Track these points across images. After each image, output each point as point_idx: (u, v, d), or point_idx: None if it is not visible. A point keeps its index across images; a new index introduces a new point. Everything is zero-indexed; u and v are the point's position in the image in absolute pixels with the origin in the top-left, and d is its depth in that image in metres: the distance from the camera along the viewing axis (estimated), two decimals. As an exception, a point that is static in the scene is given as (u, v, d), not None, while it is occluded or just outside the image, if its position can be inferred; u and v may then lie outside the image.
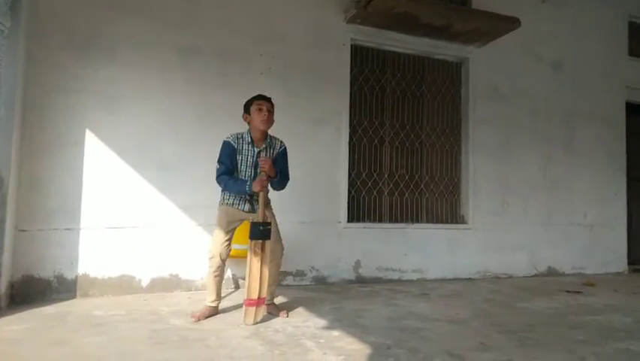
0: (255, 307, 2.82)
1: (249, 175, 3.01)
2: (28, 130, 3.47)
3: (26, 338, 2.54)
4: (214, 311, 3.07)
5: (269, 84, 4.22)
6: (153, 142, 3.84)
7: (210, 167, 3.92)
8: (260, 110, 2.98)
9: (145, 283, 3.75)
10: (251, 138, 3.04)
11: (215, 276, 3.02)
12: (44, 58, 3.55)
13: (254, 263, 2.84)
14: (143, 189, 3.79)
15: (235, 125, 4.06)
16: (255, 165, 3.00)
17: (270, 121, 3.02)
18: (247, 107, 3.07)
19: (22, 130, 3.42)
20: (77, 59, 3.65)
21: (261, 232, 2.86)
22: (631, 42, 6.10)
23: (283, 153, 3.14)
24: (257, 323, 2.82)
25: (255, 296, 2.81)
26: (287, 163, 3.17)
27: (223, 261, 3.02)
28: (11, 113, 3.22)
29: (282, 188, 3.14)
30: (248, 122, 3.08)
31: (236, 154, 3.01)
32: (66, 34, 3.63)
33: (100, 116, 3.69)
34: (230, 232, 3.06)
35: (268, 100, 3.04)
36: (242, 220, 3.10)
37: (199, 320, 2.92)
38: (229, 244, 3.05)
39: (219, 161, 3.02)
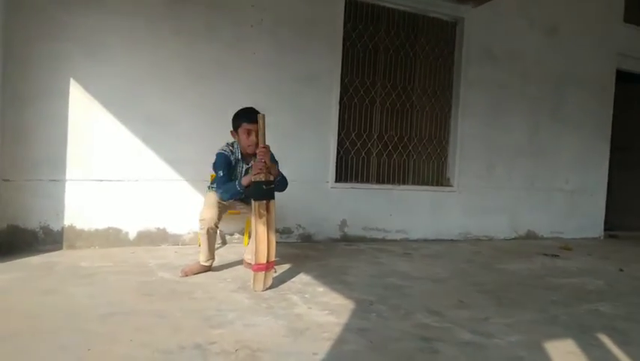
0: (264, 272, 2.70)
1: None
2: (11, 79, 3.34)
3: (14, 287, 2.56)
4: (205, 270, 3.01)
5: (259, 37, 4.12)
6: (140, 94, 3.75)
7: (198, 120, 3.93)
8: (248, 135, 2.84)
9: (132, 236, 3.77)
10: (241, 153, 2.94)
11: (208, 235, 2.92)
12: (27, 3, 3.38)
13: (260, 226, 2.69)
14: (129, 141, 3.73)
15: (224, 78, 4.02)
16: None
17: (257, 145, 2.78)
18: (235, 126, 2.91)
19: (4, 79, 3.30)
20: (62, 5, 3.48)
21: (265, 191, 2.70)
22: (627, 8, 6.04)
23: (271, 156, 2.87)
24: (267, 288, 2.70)
25: (263, 261, 2.67)
26: (277, 166, 2.92)
27: (215, 224, 2.92)
28: (-9, 59, 3.10)
29: (283, 189, 2.98)
30: (235, 139, 2.95)
31: (230, 166, 2.92)
32: (48, -24, 3.45)
33: (85, 66, 3.57)
34: (224, 206, 2.98)
35: (255, 120, 2.76)
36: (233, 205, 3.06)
37: (187, 276, 2.91)
38: (220, 215, 2.94)
39: (220, 170, 2.88)
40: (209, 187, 3.18)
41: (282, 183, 2.95)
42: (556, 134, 5.68)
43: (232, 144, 3.00)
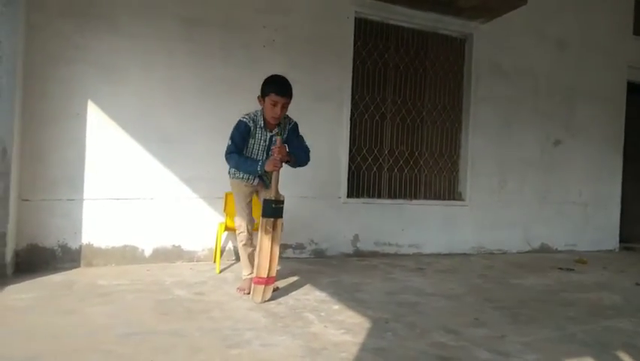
0: (264, 286, 2.80)
1: (260, 159, 2.93)
2: (30, 100, 3.45)
3: (34, 306, 2.61)
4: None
5: (271, 57, 4.19)
6: (155, 114, 3.83)
7: (211, 140, 3.97)
8: (274, 105, 2.81)
9: (148, 253, 3.82)
10: (264, 120, 2.92)
11: (246, 248, 2.99)
12: (45, 26, 3.50)
13: (264, 242, 2.79)
14: (145, 160, 3.80)
15: (237, 99, 4.08)
16: (267, 150, 2.92)
17: (282, 116, 2.89)
18: (263, 92, 2.86)
19: (24, 100, 3.40)
20: (78, 28, 3.59)
21: (274, 209, 2.81)
22: (636, 20, 6.05)
23: (294, 130, 3.04)
24: (265, 301, 2.81)
25: (264, 275, 2.78)
26: (300, 138, 3.05)
27: (250, 233, 2.98)
28: (13, 82, 3.19)
29: (306, 163, 3.04)
30: (261, 105, 2.95)
31: (249, 135, 2.91)
32: (66, 1, 3.56)
33: (101, 87, 3.67)
34: (249, 203, 3.03)
35: (285, 94, 2.83)
36: (255, 191, 3.06)
37: (246, 293, 2.96)
38: (251, 215, 3.03)
39: (231, 138, 2.90)
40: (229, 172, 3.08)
41: (301, 158, 2.98)
42: (568, 147, 5.66)
43: (255, 112, 2.94)
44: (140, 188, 3.80)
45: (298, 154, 2.97)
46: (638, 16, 6.06)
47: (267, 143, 2.94)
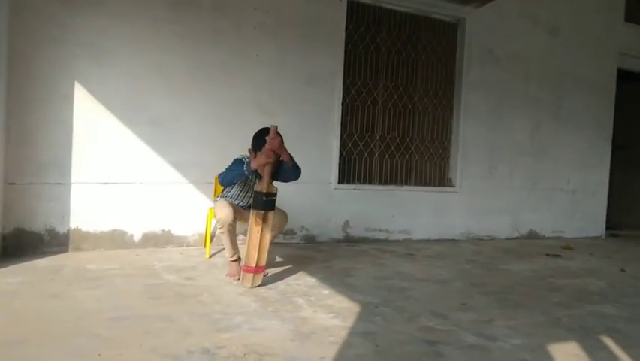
0: (252, 274, 2.82)
1: (241, 196, 3.10)
2: (16, 82, 3.37)
3: (22, 290, 2.59)
4: (238, 265, 3.02)
5: (262, 39, 4.14)
6: (144, 97, 3.77)
7: (201, 123, 3.96)
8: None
9: (137, 238, 3.80)
10: (256, 171, 2.96)
11: (228, 232, 2.95)
12: (31, 6, 3.40)
13: (253, 232, 2.80)
14: (134, 144, 3.75)
15: (227, 81, 4.03)
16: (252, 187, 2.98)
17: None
18: (254, 146, 2.94)
19: (9, 81, 3.32)
20: (66, 8, 3.50)
21: (265, 202, 2.79)
22: (628, 7, 6.04)
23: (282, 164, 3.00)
24: (255, 286, 2.82)
25: (252, 264, 2.80)
26: (289, 154, 2.93)
27: (232, 220, 2.93)
28: (-3, 64, 3.12)
29: (297, 177, 3.05)
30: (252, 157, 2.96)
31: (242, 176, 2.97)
32: (52, -20, 3.47)
33: (89, 69, 3.59)
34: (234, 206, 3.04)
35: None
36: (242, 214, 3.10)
37: (234, 278, 2.97)
38: (236, 209, 3.02)
39: (227, 169, 3.01)
40: (215, 199, 3.22)
41: (292, 172, 3.00)
42: (558, 134, 5.69)
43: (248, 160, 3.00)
44: (130, 172, 3.75)
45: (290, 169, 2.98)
46: (630, 2, 6.06)
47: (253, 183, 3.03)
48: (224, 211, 2.92)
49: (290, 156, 2.92)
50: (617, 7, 5.99)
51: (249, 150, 2.98)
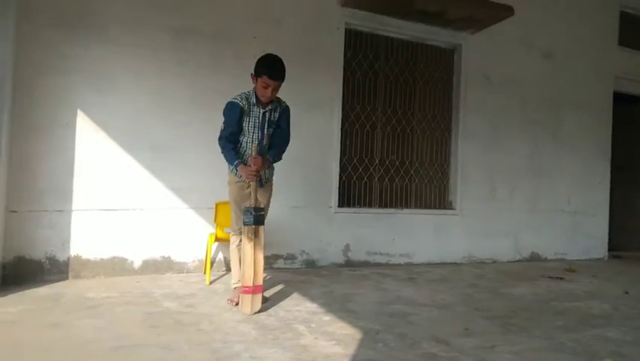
0: (251, 295, 2.79)
1: (256, 137, 2.97)
2: (19, 110, 3.42)
3: (22, 320, 2.57)
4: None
5: (262, 68, 4.20)
6: (145, 124, 3.82)
7: (202, 149, 3.97)
8: (265, 87, 2.87)
9: (137, 265, 3.79)
10: (256, 98, 2.95)
11: (236, 250, 2.98)
12: (34, 36, 3.49)
13: (247, 250, 2.82)
14: (134, 171, 3.78)
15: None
16: (262, 127, 2.97)
17: (272, 98, 2.96)
18: (257, 72, 2.91)
19: (13, 110, 3.38)
20: (67, 38, 3.58)
21: (255, 217, 2.84)
22: (621, 32, 6.16)
23: (285, 113, 3.10)
24: (255, 312, 2.78)
25: (250, 284, 2.78)
26: (289, 124, 3.11)
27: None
28: (2, 92, 3.18)
29: (281, 156, 3.10)
30: (254, 83, 2.97)
31: (243, 115, 2.93)
32: (56, 11, 3.55)
33: (91, 97, 3.65)
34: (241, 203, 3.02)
35: (277, 79, 2.90)
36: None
37: (237, 304, 2.92)
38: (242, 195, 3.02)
39: (225, 122, 2.96)
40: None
41: (278, 154, 3.07)
42: (557, 155, 5.73)
43: (248, 93, 2.98)
44: (130, 198, 3.77)
45: (277, 149, 3.05)
46: (623, 26, 6.18)
47: (261, 120, 2.98)
48: (238, 223, 2.96)
49: (272, 159, 3.02)
50: (611, 32, 6.11)
51: (252, 74, 2.95)
